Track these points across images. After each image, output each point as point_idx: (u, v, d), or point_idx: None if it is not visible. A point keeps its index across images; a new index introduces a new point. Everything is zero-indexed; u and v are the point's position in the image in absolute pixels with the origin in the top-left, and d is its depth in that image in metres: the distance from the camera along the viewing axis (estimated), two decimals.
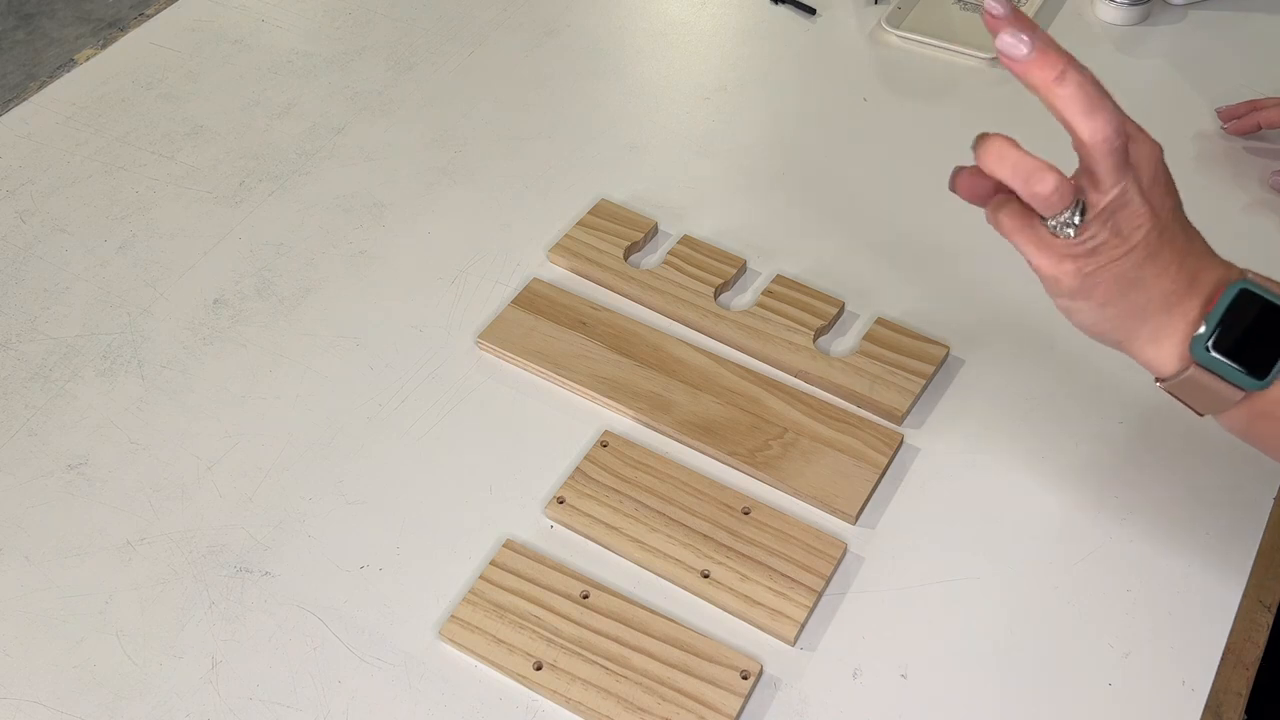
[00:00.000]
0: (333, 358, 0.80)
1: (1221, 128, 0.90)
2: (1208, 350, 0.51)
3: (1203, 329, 0.51)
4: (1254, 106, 0.88)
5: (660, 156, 0.93)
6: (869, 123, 0.95)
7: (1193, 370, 0.52)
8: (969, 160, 0.53)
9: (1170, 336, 0.52)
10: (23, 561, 0.70)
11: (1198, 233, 0.54)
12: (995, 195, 0.54)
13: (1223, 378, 0.51)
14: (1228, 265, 0.53)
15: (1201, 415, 0.54)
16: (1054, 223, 0.51)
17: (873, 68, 1.00)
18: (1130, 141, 0.51)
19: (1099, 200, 0.50)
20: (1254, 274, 0.52)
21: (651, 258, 0.85)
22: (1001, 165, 0.50)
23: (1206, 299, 0.52)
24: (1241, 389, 0.51)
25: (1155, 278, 0.52)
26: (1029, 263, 0.53)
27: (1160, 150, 0.52)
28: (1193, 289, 0.52)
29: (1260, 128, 0.88)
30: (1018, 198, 0.52)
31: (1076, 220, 0.51)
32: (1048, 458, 0.72)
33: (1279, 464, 0.70)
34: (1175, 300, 0.52)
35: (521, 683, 0.63)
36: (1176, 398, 0.54)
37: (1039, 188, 0.49)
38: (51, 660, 0.66)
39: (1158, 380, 0.54)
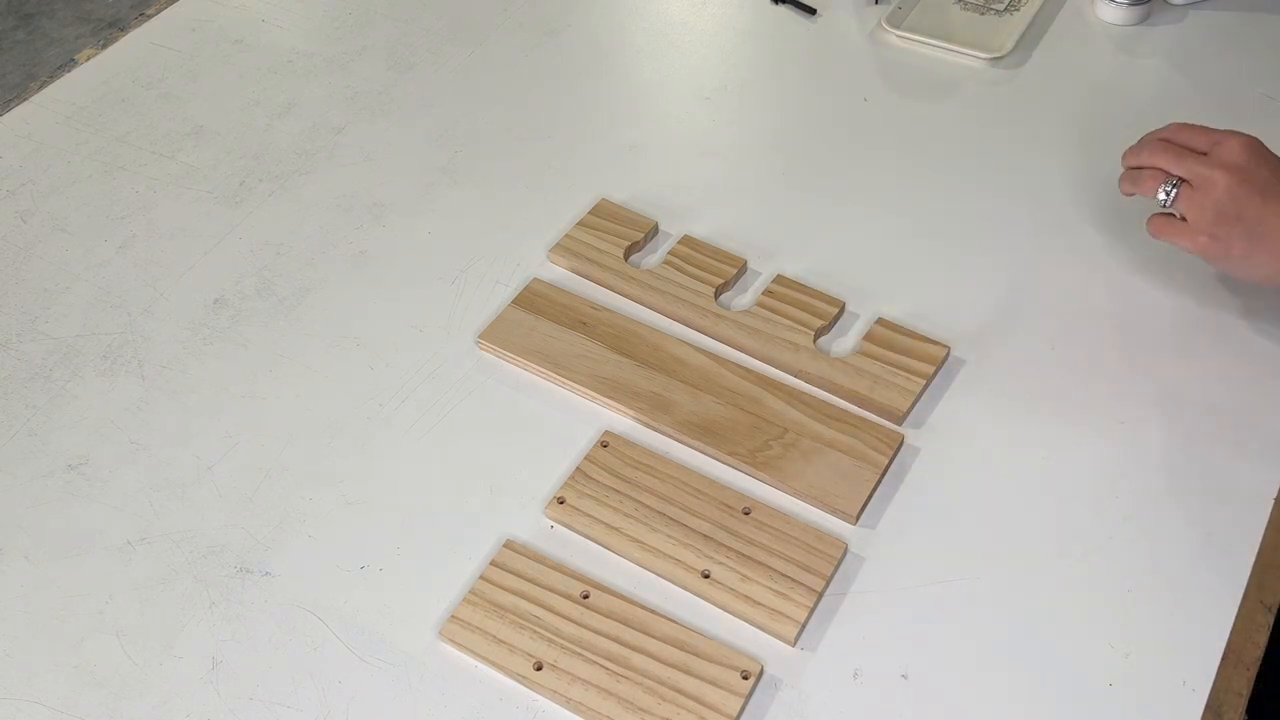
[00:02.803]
0: (333, 358, 0.80)
1: None
2: None
3: None
4: None
5: (660, 156, 0.93)
6: (869, 122, 0.95)
7: None
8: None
9: None
10: (23, 561, 0.70)
11: None
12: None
13: None
14: None
15: None
16: (1161, 198, 0.72)
17: (873, 68, 1.00)
18: (1215, 145, 0.70)
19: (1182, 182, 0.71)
20: None
21: (652, 258, 0.85)
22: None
23: None
24: None
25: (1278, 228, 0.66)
26: (1182, 248, 0.72)
27: (1247, 142, 0.69)
28: None
29: None
30: (1161, 211, 0.73)
31: (1162, 194, 0.72)
32: (1048, 458, 0.72)
33: (1278, 463, 0.70)
34: None
35: (522, 683, 0.63)
36: None
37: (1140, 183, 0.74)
38: (51, 660, 0.66)
39: None
